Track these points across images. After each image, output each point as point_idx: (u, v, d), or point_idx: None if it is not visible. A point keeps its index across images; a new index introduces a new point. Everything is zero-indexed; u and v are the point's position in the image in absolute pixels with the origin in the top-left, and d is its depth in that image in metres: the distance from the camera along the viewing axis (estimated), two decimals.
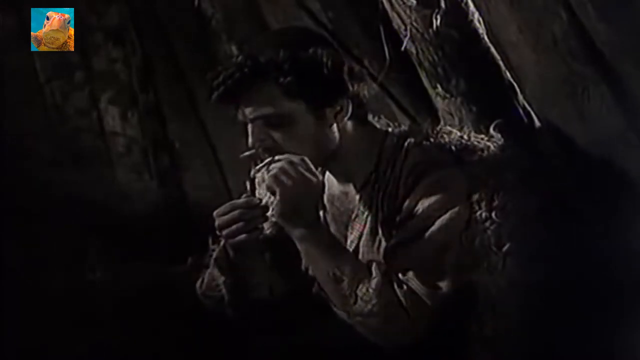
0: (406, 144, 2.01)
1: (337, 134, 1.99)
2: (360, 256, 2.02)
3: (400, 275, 1.90)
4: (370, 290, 1.88)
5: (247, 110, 1.96)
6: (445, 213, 1.91)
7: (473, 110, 2.34)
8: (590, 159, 2.08)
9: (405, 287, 1.89)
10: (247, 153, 2.01)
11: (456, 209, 1.91)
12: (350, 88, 1.97)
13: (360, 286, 1.89)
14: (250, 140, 1.98)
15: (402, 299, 1.88)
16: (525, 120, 2.26)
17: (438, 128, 2.07)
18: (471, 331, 1.94)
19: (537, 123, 2.24)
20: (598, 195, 2.09)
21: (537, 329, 1.95)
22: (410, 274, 1.90)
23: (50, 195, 3.22)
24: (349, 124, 2.01)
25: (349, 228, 2.06)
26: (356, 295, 1.89)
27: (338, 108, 1.98)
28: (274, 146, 1.97)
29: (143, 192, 3.46)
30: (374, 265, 1.92)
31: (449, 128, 2.07)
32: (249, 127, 1.98)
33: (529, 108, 2.26)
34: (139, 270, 2.75)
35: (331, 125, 1.98)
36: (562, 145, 2.17)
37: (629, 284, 1.99)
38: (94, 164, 3.46)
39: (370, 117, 2.08)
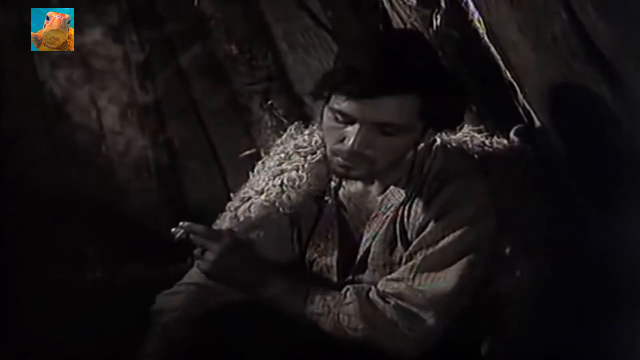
0: (434, 147, 2.01)
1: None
2: (370, 256, 2.03)
3: (388, 289, 1.91)
4: (352, 318, 1.89)
5: (374, 110, 1.84)
6: (465, 225, 1.91)
7: (473, 110, 2.34)
8: (590, 159, 2.08)
9: (392, 302, 1.90)
10: (247, 152, 2.01)
11: (477, 221, 1.91)
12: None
13: (341, 316, 1.90)
14: (352, 140, 1.86)
15: (388, 314, 1.89)
16: (526, 120, 2.26)
17: (461, 131, 2.08)
18: (474, 332, 1.94)
19: (537, 123, 2.24)
20: (597, 194, 2.09)
21: (537, 328, 1.95)
22: (403, 285, 1.90)
23: (49, 194, 3.22)
24: None
25: (367, 226, 2.05)
26: (342, 326, 1.90)
27: (434, 133, 1.97)
28: (367, 154, 1.89)
29: (142, 191, 3.46)
30: (349, 290, 1.93)
31: (471, 132, 2.08)
32: (357, 127, 1.86)
33: (529, 108, 2.26)
34: (139, 270, 2.75)
35: (418, 145, 1.96)
36: (562, 145, 2.17)
37: (629, 285, 1.99)
38: (94, 163, 3.46)
39: None
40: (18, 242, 3.00)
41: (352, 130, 1.87)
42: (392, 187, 2.02)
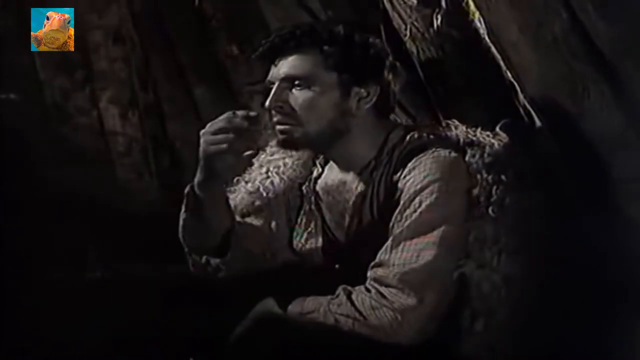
0: (409, 136, 2.04)
1: (350, 119, 2.03)
2: (358, 243, 2.05)
3: (372, 275, 1.91)
4: (345, 320, 1.89)
5: (282, 68, 2.02)
6: (440, 183, 1.91)
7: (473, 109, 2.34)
8: (590, 158, 2.08)
9: (373, 290, 1.90)
10: (247, 153, 2.02)
11: (447, 181, 1.92)
12: (385, 75, 2.03)
13: (336, 319, 1.91)
14: (269, 99, 2.03)
15: (371, 306, 1.88)
16: (526, 119, 2.26)
17: (445, 123, 2.09)
18: (462, 326, 1.94)
19: (538, 122, 2.24)
20: (597, 194, 2.09)
21: (530, 326, 1.95)
22: (381, 269, 1.91)
23: (50, 194, 3.22)
24: (367, 113, 2.03)
25: (346, 216, 2.08)
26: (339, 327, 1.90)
27: (364, 93, 2.02)
28: (288, 111, 2.02)
29: (143, 191, 3.47)
30: (339, 295, 1.93)
31: (456, 122, 2.09)
32: (274, 87, 2.03)
33: (529, 107, 2.26)
34: (139, 270, 2.74)
35: (350, 108, 2.02)
36: (562, 144, 2.17)
37: (624, 283, 1.99)
38: (94, 163, 3.46)
39: None
40: (18, 242, 3.00)
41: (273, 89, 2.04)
42: (364, 173, 2.05)
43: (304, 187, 2.19)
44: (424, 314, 1.87)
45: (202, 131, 2.01)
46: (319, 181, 2.17)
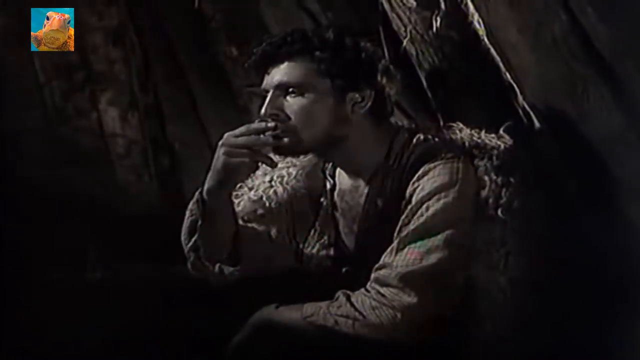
0: (415, 139, 2.04)
1: (347, 124, 2.03)
2: (367, 249, 2.05)
3: (374, 276, 1.91)
4: (346, 322, 1.90)
5: (275, 76, 2.02)
6: (449, 190, 1.92)
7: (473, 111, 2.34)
8: (590, 160, 2.09)
9: (373, 291, 1.90)
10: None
11: (456, 187, 1.93)
12: (379, 79, 2.02)
13: (337, 322, 1.91)
14: (264, 107, 2.02)
15: (370, 307, 1.89)
16: (525, 121, 2.27)
17: (449, 124, 2.09)
18: (469, 327, 1.94)
19: (537, 124, 2.24)
20: (597, 194, 2.09)
21: (537, 328, 1.95)
22: (384, 270, 1.90)
23: (50, 196, 3.22)
24: (364, 118, 2.03)
25: (358, 222, 2.09)
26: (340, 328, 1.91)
27: (359, 98, 2.01)
28: (283, 119, 2.01)
29: (143, 193, 3.46)
30: (339, 298, 1.93)
31: (461, 125, 2.09)
32: (268, 95, 2.03)
33: (528, 109, 2.26)
34: (139, 270, 2.75)
35: (346, 114, 2.02)
36: (562, 145, 2.18)
37: (624, 283, 1.99)
38: (94, 164, 3.46)
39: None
40: (18, 242, 3.00)
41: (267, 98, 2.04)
42: (376, 180, 2.05)
43: (321, 200, 2.19)
44: (425, 313, 1.88)
45: (222, 141, 2.02)
46: (335, 193, 2.17)
